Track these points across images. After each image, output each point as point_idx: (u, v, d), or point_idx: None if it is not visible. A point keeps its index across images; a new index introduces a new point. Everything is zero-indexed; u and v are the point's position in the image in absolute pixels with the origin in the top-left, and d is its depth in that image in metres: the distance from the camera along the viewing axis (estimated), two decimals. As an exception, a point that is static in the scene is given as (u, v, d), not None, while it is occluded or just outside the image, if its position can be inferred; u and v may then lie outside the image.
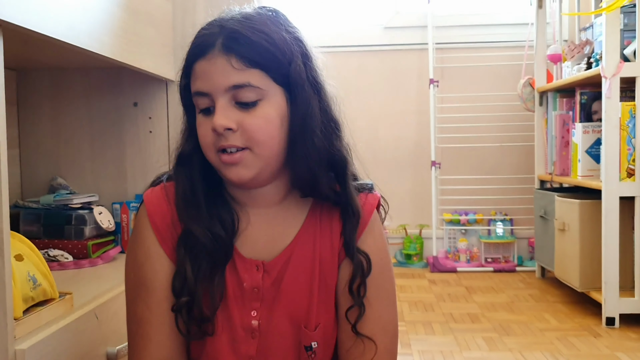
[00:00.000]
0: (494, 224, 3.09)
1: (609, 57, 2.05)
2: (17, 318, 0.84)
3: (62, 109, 1.60)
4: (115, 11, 1.19)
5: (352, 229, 0.82)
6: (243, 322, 0.82)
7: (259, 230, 0.84)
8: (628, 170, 2.06)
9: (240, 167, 0.78)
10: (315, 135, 0.79)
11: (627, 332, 2.02)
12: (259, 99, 0.77)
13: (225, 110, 0.76)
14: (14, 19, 0.82)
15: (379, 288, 0.83)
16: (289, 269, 0.83)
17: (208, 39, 0.77)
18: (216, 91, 0.76)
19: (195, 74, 0.78)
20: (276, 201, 0.85)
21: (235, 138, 0.76)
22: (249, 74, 0.76)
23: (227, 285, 0.82)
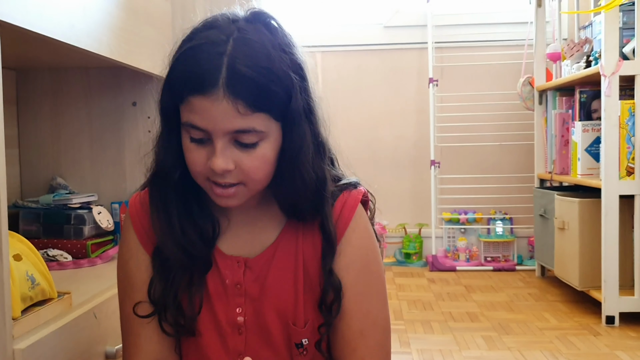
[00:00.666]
0: (493, 223, 3.09)
1: (608, 55, 2.05)
2: (15, 317, 0.84)
3: (62, 108, 1.60)
4: (114, 11, 1.19)
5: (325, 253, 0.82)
6: (228, 318, 0.83)
7: (239, 227, 0.85)
8: (627, 169, 2.06)
9: (231, 200, 0.78)
10: (304, 170, 0.79)
11: (627, 330, 2.02)
12: (259, 140, 0.75)
13: (224, 151, 0.74)
14: (13, 19, 0.82)
15: (367, 284, 0.84)
16: (273, 266, 0.83)
17: (210, 74, 0.71)
18: (217, 132, 0.73)
19: (192, 107, 0.73)
20: (254, 204, 0.84)
21: (232, 176, 0.76)
22: (253, 119, 0.73)
23: (209, 284, 0.83)
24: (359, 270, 0.83)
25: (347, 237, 0.83)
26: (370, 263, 0.85)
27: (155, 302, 0.82)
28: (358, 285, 0.82)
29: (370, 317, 0.83)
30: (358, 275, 0.83)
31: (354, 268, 0.83)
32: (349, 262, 0.83)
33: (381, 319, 0.84)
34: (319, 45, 3.14)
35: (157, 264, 0.82)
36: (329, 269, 0.81)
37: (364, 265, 0.84)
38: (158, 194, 0.81)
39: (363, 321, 0.82)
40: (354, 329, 0.82)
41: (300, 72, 0.78)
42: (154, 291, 0.82)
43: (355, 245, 0.83)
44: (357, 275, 0.83)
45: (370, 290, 0.84)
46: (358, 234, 0.84)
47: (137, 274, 0.84)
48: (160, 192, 0.81)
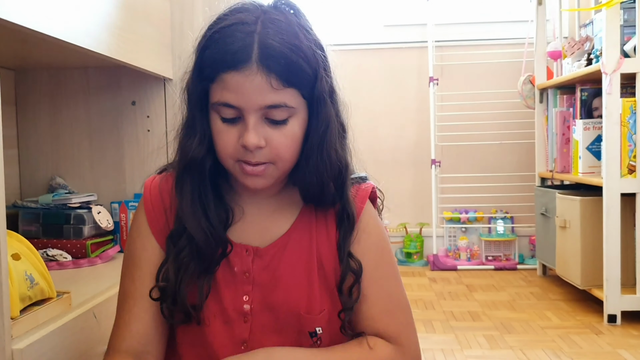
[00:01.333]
0: (494, 222, 3.09)
1: (609, 53, 2.05)
2: (14, 317, 0.83)
3: (61, 108, 1.59)
4: (113, 10, 1.18)
5: (345, 235, 0.83)
6: (235, 305, 0.83)
7: (252, 218, 0.85)
8: (629, 167, 2.05)
9: (260, 179, 0.79)
10: (331, 150, 0.80)
11: (629, 329, 2.01)
12: (290, 116, 0.77)
13: (257, 128, 0.76)
14: (9, 16, 0.81)
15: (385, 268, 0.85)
16: (286, 257, 0.84)
17: (243, 50, 0.74)
18: (250, 108, 0.75)
19: (225, 85, 0.75)
20: (273, 193, 0.86)
21: (262, 155, 0.77)
22: (284, 94, 0.75)
23: (217, 271, 0.83)
24: (376, 255, 0.84)
25: (360, 226, 0.84)
26: (385, 249, 0.86)
27: (164, 287, 0.81)
28: (377, 269, 0.84)
29: (393, 298, 0.84)
30: (376, 260, 0.84)
31: (370, 253, 0.84)
32: (366, 248, 0.84)
33: (404, 302, 0.85)
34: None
35: (173, 250, 0.82)
36: (348, 251, 0.82)
37: (380, 251, 0.85)
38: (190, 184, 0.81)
39: (388, 302, 0.84)
40: (380, 308, 0.83)
41: (323, 52, 0.81)
42: (163, 276, 0.82)
43: (370, 232, 0.85)
44: (375, 259, 0.84)
45: (389, 274, 0.85)
46: (371, 223, 0.85)
47: (142, 254, 0.85)
48: (193, 182, 0.81)
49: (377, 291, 0.83)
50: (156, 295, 0.82)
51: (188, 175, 0.82)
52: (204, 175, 0.81)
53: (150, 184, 0.88)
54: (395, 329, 0.83)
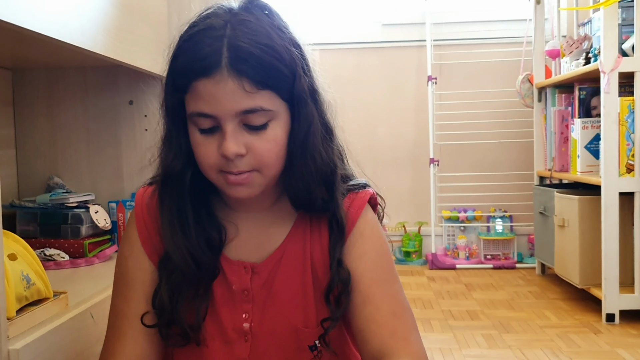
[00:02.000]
0: (493, 221, 3.09)
1: (607, 52, 2.05)
2: (10, 317, 0.83)
3: (58, 108, 1.59)
4: (110, 9, 1.18)
5: (335, 241, 0.80)
6: (234, 325, 0.81)
7: (247, 234, 0.83)
8: (627, 166, 2.05)
9: (246, 188, 0.76)
10: (315, 152, 0.78)
11: (627, 328, 2.01)
12: (269, 120, 0.74)
13: (235, 135, 0.73)
14: (5, 16, 0.81)
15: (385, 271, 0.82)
16: (281, 270, 0.82)
17: (212, 56, 0.71)
18: (225, 115, 0.72)
19: (197, 94, 0.73)
20: (267, 206, 0.84)
21: (244, 163, 0.74)
22: (259, 97, 0.72)
23: (215, 290, 0.82)
24: (375, 259, 0.81)
25: (357, 231, 0.81)
26: (384, 254, 0.83)
27: (160, 313, 0.80)
28: (377, 272, 0.81)
29: (397, 300, 0.80)
30: (375, 263, 0.81)
31: (368, 257, 0.81)
32: (363, 253, 0.81)
33: (407, 305, 0.81)
34: (317, 43, 3.10)
35: (164, 273, 0.80)
36: (337, 258, 0.79)
37: (378, 255, 0.82)
38: (169, 200, 0.79)
39: (392, 304, 0.79)
40: (385, 311, 0.78)
41: (300, 51, 0.78)
42: (159, 301, 0.79)
43: (367, 236, 0.82)
44: (374, 263, 0.81)
45: (391, 277, 0.82)
46: (368, 227, 0.83)
47: (135, 274, 0.83)
48: (172, 198, 0.79)
49: (381, 294, 0.79)
50: (150, 322, 0.80)
51: (167, 191, 0.80)
52: (182, 191, 0.79)
53: (141, 199, 0.85)
54: (403, 332, 0.78)
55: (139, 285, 0.82)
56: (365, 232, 0.82)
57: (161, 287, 0.80)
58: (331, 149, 0.81)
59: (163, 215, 0.80)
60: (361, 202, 0.83)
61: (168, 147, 0.79)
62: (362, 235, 0.81)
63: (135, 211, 0.85)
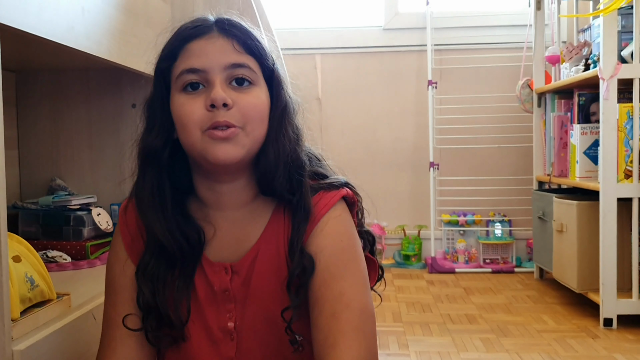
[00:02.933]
0: (492, 225, 3.10)
1: (607, 58, 2.06)
2: (14, 319, 0.84)
3: (61, 110, 1.60)
4: (114, 13, 1.19)
5: (297, 226, 0.81)
6: (219, 324, 0.84)
7: (225, 233, 0.85)
8: (626, 172, 2.06)
9: (231, 145, 0.77)
10: (287, 133, 0.82)
11: (625, 333, 2.02)
12: (252, 82, 0.80)
13: (223, 86, 0.78)
14: (12, 21, 0.82)
15: (340, 267, 0.80)
16: (256, 268, 0.83)
17: (204, 23, 0.80)
18: (214, 68, 0.78)
19: (188, 52, 0.79)
20: (244, 202, 0.85)
21: (230, 115, 0.77)
22: (246, 58, 0.80)
23: (198, 290, 0.84)
24: (331, 254, 0.80)
25: (318, 227, 0.81)
26: (344, 248, 0.82)
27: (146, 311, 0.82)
28: (330, 268, 0.79)
29: (343, 299, 0.77)
30: (329, 259, 0.80)
31: (323, 254, 0.80)
32: (320, 248, 0.80)
33: (357, 301, 0.78)
34: (318, 47, 3.15)
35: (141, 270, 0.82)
36: (300, 246, 0.80)
37: (337, 250, 0.81)
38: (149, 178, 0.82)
39: (335, 304, 0.77)
40: (326, 313, 0.77)
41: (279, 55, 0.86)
42: (143, 299, 0.82)
43: (327, 233, 0.81)
44: (329, 258, 0.80)
45: (344, 273, 0.80)
46: (331, 224, 0.82)
47: (121, 280, 0.85)
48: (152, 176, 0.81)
49: (327, 293, 0.78)
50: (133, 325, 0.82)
51: (146, 168, 0.82)
52: (162, 168, 0.81)
53: (124, 209, 0.88)
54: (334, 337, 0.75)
55: (125, 290, 0.85)
56: (327, 228, 0.82)
57: (141, 283, 0.82)
58: (299, 145, 0.85)
59: (142, 192, 0.82)
60: (328, 200, 0.83)
61: (150, 127, 0.83)
62: (322, 232, 0.81)
63: (119, 221, 0.89)
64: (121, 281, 0.85)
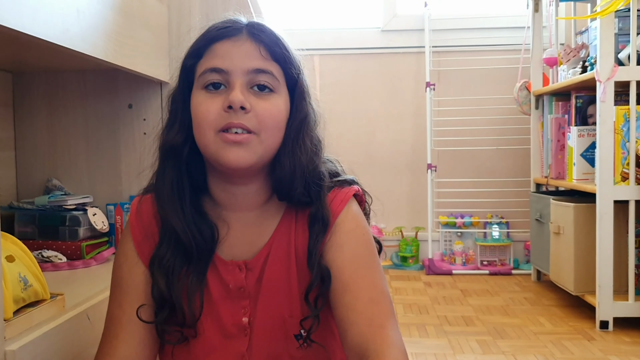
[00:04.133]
0: (490, 227, 3.10)
1: (604, 61, 2.06)
2: (7, 319, 0.84)
3: (58, 110, 1.60)
4: (110, 15, 1.19)
5: (316, 237, 0.82)
6: (234, 320, 0.84)
7: (237, 233, 0.86)
8: (622, 174, 2.07)
9: (243, 150, 0.78)
10: (304, 144, 0.82)
11: (621, 335, 2.03)
12: (273, 90, 0.80)
13: (242, 90, 0.78)
14: (6, 21, 0.82)
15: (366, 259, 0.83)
16: (268, 265, 0.84)
17: (234, 25, 0.81)
18: (236, 70, 0.78)
19: (214, 52, 0.79)
20: (257, 205, 0.86)
21: (247, 119, 0.77)
22: (271, 65, 0.80)
23: (211, 288, 0.84)
24: (355, 248, 0.82)
25: (338, 223, 0.83)
26: (365, 243, 0.84)
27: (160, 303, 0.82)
28: (357, 260, 0.82)
29: (377, 287, 0.80)
30: (354, 253, 0.82)
31: (348, 247, 0.82)
32: (342, 243, 0.82)
33: (386, 291, 0.82)
34: (316, 49, 3.15)
35: (157, 261, 0.83)
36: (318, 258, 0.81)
37: (358, 244, 0.83)
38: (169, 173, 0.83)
39: (372, 291, 0.80)
40: (364, 299, 0.79)
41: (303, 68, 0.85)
42: (157, 290, 0.82)
43: (347, 228, 0.83)
44: (354, 252, 0.82)
45: (372, 264, 0.83)
46: (349, 219, 0.84)
47: (129, 280, 0.85)
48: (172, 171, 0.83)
49: (361, 282, 0.80)
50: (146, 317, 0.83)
51: (167, 164, 0.83)
52: (182, 164, 0.82)
53: (136, 208, 0.88)
54: (380, 319, 0.78)
55: (133, 290, 0.85)
56: (346, 223, 0.83)
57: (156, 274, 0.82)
58: (317, 157, 0.85)
59: (162, 188, 0.83)
60: (344, 196, 0.85)
61: (170, 124, 0.84)
62: (343, 227, 0.83)
63: (129, 219, 0.89)
64: (128, 281, 0.85)
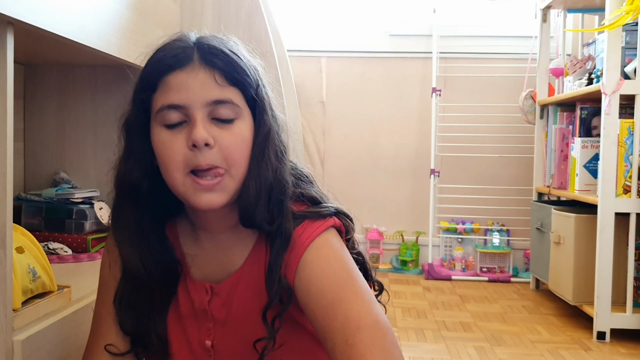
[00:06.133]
0: (490, 234, 3.11)
1: (610, 74, 2.07)
2: (16, 309, 0.85)
3: (68, 104, 1.62)
4: (125, 12, 1.21)
5: (276, 253, 0.78)
6: (199, 340, 0.85)
7: (210, 253, 0.84)
8: (624, 187, 2.08)
9: (216, 194, 0.75)
10: (269, 158, 0.78)
11: (618, 347, 2.04)
12: (236, 117, 0.76)
13: (204, 125, 0.74)
14: (26, 18, 0.84)
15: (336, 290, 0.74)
16: (239, 292, 0.82)
17: (184, 52, 0.75)
18: (194, 105, 0.74)
19: (168, 86, 0.75)
20: (228, 227, 0.83)
21: (212, 156, 0.74)
22: (229, 91, 0.75)
23: (181, 305, 0.85)
24: (323, 282, 0.75)
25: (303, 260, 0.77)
26: (336, 271, 0.76)
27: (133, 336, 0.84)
28: (327, 296, 0.74)
29: (351, 323, 0.70)
30: (323, 287, 0.75)
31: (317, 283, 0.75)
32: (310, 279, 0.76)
33: (365, 319, 0.71)
34: (324, 51, 3.17)
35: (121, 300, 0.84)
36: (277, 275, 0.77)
37: (329, 275, 0.76)
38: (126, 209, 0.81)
39: (344, 330, 0.70)
40: (339, 342, 0.70)
41: (261, 72, 0.82)
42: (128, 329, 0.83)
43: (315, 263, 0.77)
44: (322, 287, 0.75)
45: (343, 296, 0.73)
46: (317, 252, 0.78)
47: (110, 281, 0.87)
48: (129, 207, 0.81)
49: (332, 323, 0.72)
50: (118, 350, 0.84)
51: (123, 199, 0.82)
52: (141, 199, 0.80)
53: None
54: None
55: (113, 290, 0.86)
56: (312, 258, 0.77)
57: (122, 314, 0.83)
58: (283, 165, 0.81)
59: (120, 225, 0.82)
60: (313, 231, 0.79)
61: (127, 156, 0.81)
62: (309, 264, 0.77)
63: None
64: (110, 281, 0.86)
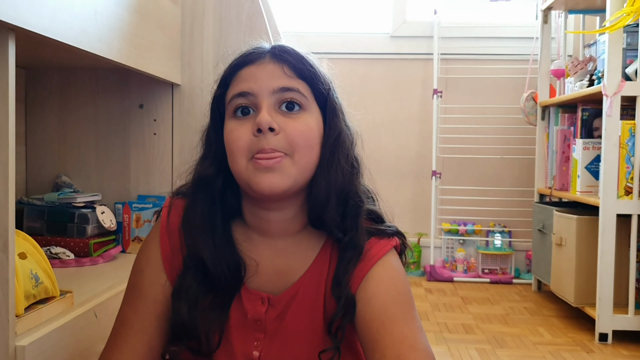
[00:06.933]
0: (492, 236, 3.11)
1: (611, 75, 2.07)
2: (18, 315, 0.86)
3: (69, 108, 1.62)
4: (126, 16, 1.21)
5: (347, 264, 0.78)
6: (244, 351, 0.82)
7: (267, 262, 0.83)
8: (626, 188, 2.08)
9: (276, 175, 0.76)
10: (340, 163, 0.80)
11: (619, 348, 2.03)
12: (302, 108, 0.79)
13: (270, 111, 0.77)
14: (27, 24, 0.84)
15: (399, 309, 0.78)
16: (294, 305, 0.82)
17: (257, 51, 0.81)
18: (262, 92, 0.78)
19: (239, 78, 0.80)
20: (291, 232, 0.83)
21: (277, 141, 0.76)
22: (297, 82, 0.79)
23: (230, 314, 0.82)
24: (387, 299, 0.78)
25: (371, 273, 0.79)
26: (400, 293, 0.79)
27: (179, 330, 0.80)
28: (387, 312, 0.77)
29: (406, 342, 0.74)
30: (386, 303, 0.77)
31: (380, 297, 0.78)
32: (374, 292, 0.78)
33: (421, 344, 0.75)
34: (325, 52, 3.15)
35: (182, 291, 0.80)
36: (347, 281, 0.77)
37: (393, 294, 0.79)
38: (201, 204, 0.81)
39: (399, 347, 0.73)
40: (390, 356, 0.73)
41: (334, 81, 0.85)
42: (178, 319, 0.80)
43: (382, 278, 0.79)
44: (385, 302, 0.77)
45: (403, 317, 0.77)
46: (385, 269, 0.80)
47: (148, 287, 0.84)
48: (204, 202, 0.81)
49: (387, 335, 0.74)
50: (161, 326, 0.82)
51: (199, 195, 0.82)
52: (215, 195, 0.81)
53: (167, 215, 0.85)
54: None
55: (151, 300, 0.83)
56: (380, 274, 0.79)
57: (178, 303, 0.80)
58: (356, 179, 0.83)
59: (191, 217, 0.82)
60: (382, 247, 0.81)
61: (204, 157, 0.84)
62: (376, 277, 0.79)
63: (160, 223, 0.86)
64: (149, 289, 0.83)
